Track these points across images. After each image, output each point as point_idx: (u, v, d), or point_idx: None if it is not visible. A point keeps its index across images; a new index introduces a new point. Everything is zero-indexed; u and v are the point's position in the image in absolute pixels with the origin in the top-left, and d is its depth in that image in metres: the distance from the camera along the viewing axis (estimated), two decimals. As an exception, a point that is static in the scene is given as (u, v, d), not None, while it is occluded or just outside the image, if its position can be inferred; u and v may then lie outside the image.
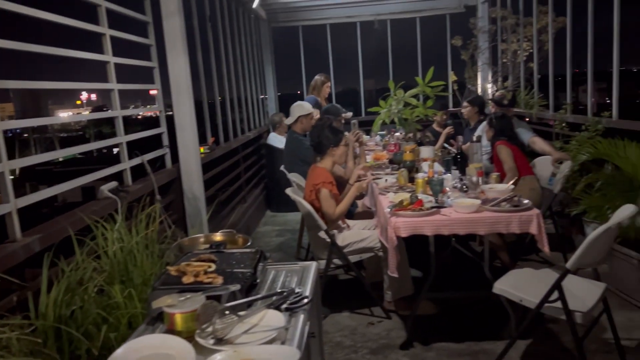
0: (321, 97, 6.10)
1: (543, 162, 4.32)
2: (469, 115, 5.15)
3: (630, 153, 3.55)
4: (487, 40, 7.25)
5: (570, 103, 5.30)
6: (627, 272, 3.39)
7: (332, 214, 3.49)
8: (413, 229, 2.94)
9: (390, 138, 5.16)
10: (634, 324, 3.14)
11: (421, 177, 3.54)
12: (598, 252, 2.48)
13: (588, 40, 4.98)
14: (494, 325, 3.23)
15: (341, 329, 3.36)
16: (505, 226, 2.89)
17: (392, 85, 4.72)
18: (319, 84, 6.09)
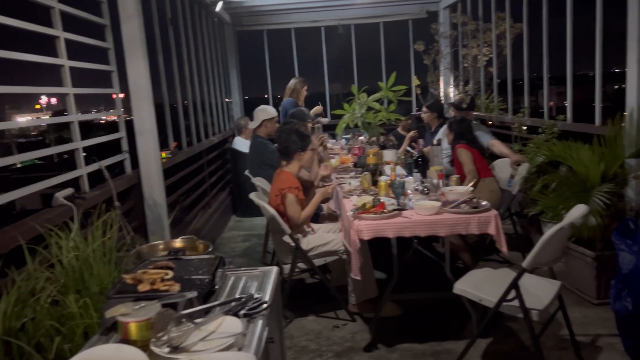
0: (300, 101, 6.16)
1: (502, 165, 4.43)
2: (429, 120, 5.25)
3: (583, 155, 3.68)
4: (449, 46, 7.40)
5: (527, 107, 5.46)
6: (582, 269, 3.51)
7: (297, 219, 3.48)
8: (375, 232, 2.97)
9: (355, 142, 5.19)
10: (589, 320, 3.25)
11: (384, 180, 3.57)
12: (552, 251, 2.56)
13: (543, 45, 5.15)
14: (456, 325, 3.29)
15: (306, 333, 3.35)
16: (465, 227, 2.95)
17: (355, 89, 4.77)
18: (298, 87, 6.18)
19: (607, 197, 3.37)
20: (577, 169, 3.70)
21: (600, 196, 3.38)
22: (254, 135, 4.94)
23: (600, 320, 3.22)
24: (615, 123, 3.66)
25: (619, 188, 3.56)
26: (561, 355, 2.87)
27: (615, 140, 3.61)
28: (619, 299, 2.73)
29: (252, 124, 5.02)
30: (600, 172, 3.57)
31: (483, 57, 6.54)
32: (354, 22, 8.03)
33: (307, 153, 3.67)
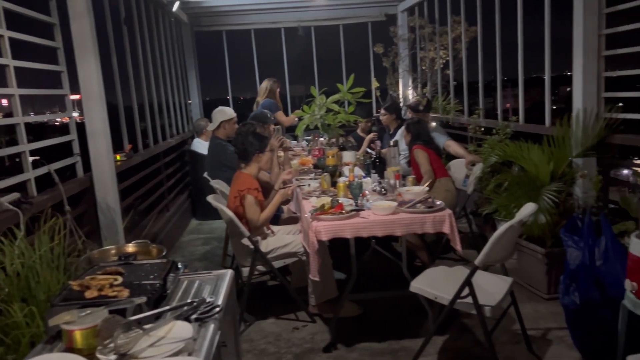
0: (278, 101, 6.19)
1: (457, 165, 4.54)
2: (387, 121, 5.33)
3: (533, 155, 3.81)
4: (407, 48, 7.52)
5: (482, 108, 5.61)
6: (533, 266, 3.63)
7: (256, 221, 3.46)
8: (333, 232, 2.98)
9: (314, 143, 5.20)
10: (540, 314, 3.36)
11: (342, 182, 3.59)
12: (503, 248, 2.63)
13: (496, 49, 5.30)
14: (414, 322, 3.34)
15: (266, 336, 3.33)
16: (420, 226, 3.00)
17: (314, 91, 4.78)
18: (274, 87, 6.23)
19: (556, 196, 3.50)
20: (528, 168, 3.82)
21: (549, 195, 3.50)
22: (213, 137, 4.89)
23: (550, 315, 3.33)
24: (563, 124, 3.80)
25: (567, 186, 3.70)
26: (514, 350, 2.95)
27: (563, 140, 3.76)
28: (567, 294, 2.84)
29: (210, 125, 4.97)
30: (549, 172, 3.71)
31: (440, 60, 6.68)
32: (313, 23, 8.04)
33: (265, 154, 3.65)
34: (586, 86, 3.68)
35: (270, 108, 6.10)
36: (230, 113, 4.86)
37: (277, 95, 6.31)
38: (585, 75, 3.66)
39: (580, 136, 3.66)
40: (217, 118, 4.82)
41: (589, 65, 3.65)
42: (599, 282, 2.72)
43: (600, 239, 2.77)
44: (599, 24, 3.61)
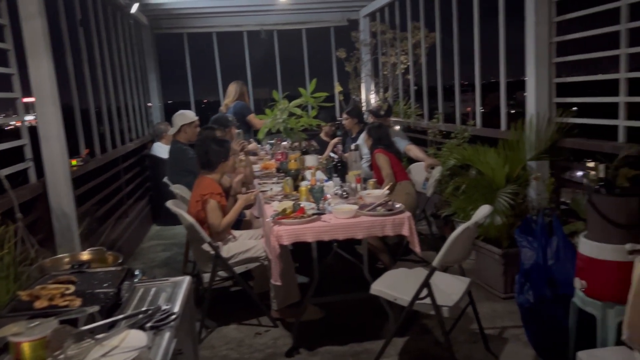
0: (248, 103, 6.24)
1: (417, 168, 4.62)
2: (350, 125, 5.39)
3: (490, 158, 3.92)
4: (369, 53, 7.61)
5: (441, 112, 5.73)
6: (490, 266, 3.73)
7: (217, 226, 3.42)
8: (295, 237, 2.98)
9: (277, 147, 5.20)
10: (496, 313, 3.45)
11: (304, 185, 3.61)
12: (460, 250, 2.70)
13: (454, 55, 5.43)
14: (375, 324, 3.37)
15: (227, 342, 3.30)
16: (381, 229, 3.04)
17: (276, 95, 4.78)
18: (244, 90, 6.24)
19: (511, 198, 3.61)
20: (485, 171, 3.93)
21: (505, 197, 3.61)
22: (173, 141, 4.81)
23: (507, 314, 3.43)
24: (518, 128, 3.93)
25: (522, 189, 3.82)
26: (471, 349, 3.02)
27: (518, 144, 3.88)
28: (522, 293, 2.93)
29: (170, 130, 4.89)
30: (505, 174, 3.82)
31: (401, 65, 6.79)
32: (276, 27, 8.04)
33: (230, 160, 3.62)
34: (539, 92, 3.82)
35: (243, 111, 6.09)
36: (191, 116, 4.79)
37: (247, 97, 6.30)
38: (537, 81, 3.80)
39: (533, 140, 3.80)
40: (178, 122, 4.74)
41: (541, 71, 3.79)
42: (552, 280, 2.82)
43: (552, 239, 2.87)
44: (549, 32, 3.75)
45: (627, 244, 2.14)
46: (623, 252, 2.20)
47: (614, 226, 2.35)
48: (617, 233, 2.34)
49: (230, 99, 6.18)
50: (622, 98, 3.21)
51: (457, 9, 5.28)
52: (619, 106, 3.24)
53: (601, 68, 3.42)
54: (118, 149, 5.56)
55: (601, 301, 2.41)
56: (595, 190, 2.49)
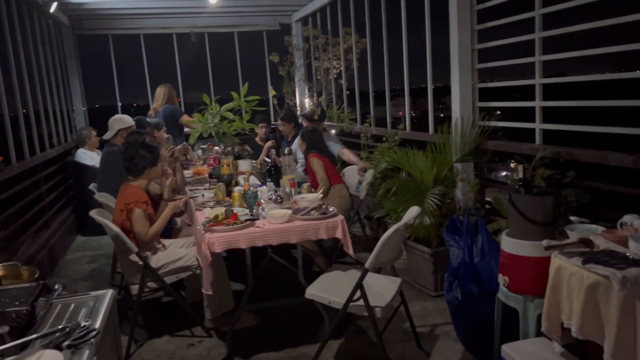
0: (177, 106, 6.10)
1: (351, 171, 4.69)
2: (287, 130, 5.38)
3: (418, 161, 4.04)
4: (302, 58, 7.64)
5: (373, 117, 5.85)
6: (421, 265, 3.84)
7: (145, 235, 3.29)
8: (227, 244, 2.93)
9: (209, 152, 5.09)
10: (427, 311, 3.55)
11: (237, 191, 3.55)
12: (391, 250, 2.75)
13: (384, 60, 5.56)
14: (311, 329, 3.37)
15: (159, 355, 3.18)
16: (315, 233, 3.05)
17: (207, 98, 4.68)
18: (173, 93, 6.09)
19: (439, 198, 3.74)
20: (414, 173, 4.05)
21: (433, 198, 3.73)
22: (108, 143, 4.61)
23: (437, 311, 3.54)
24: (444, 132, 4.08)
25: (449, 190, 3.97)
26: (404, 348, 3.09)
27: (444, 147, 4.03)
28: (451, 290, 3.04)
29: (107, 134, 4.65)
30: (432, 176, 3.95)
31: (334, 70, 6.87)
32: (207, 30, 7.89)
33: (157, 167, 3.48)
34: (463, 96, 3.98)
35: (174, 114, 5.91)
36: (128, 121, 4.62)
37: (176, 100, 6.14)
38: (461, 86, 3.96)
39: (459, 142, 3.95)
40: (115, 126, 4.55)
41: (465, 77, 3.96)
42: (478, 278, 2.94)
43: (478, 237, 2.99)
44: (471, 39, 3.93)
45: (544, 240, 2.26)
46: (541, 248, 2.32)
47: (532, 224, 2.48)
48: (535, 230, 2.48)
49: (159, 103, 5.99)
50: (538, 103, 3.42)
51: (386, 15, 5.41)
52: (535, 110, 3.44)
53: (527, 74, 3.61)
54: (37, 156, 5.22)
55: (522, 295, 2.53)
56: (515, 190, 2.63)
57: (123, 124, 4.59)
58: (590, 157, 3.04)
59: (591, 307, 1.91)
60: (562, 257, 2.09)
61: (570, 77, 3.44)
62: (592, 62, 5.48)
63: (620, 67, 5.36)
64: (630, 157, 2.74)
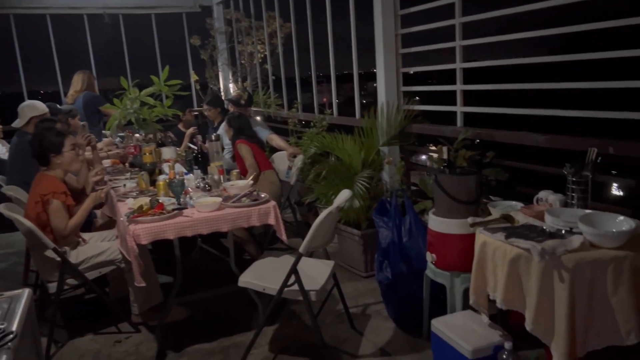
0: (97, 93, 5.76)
1: (280, 157, 4.65)
2: (213, 116, 5.24)
3: (347, 145, 4.09)
4: (225, 41, 7.43)
5: (300, 102, 5.83)
6: (351, 247, 3.91)
7: (63, 229, 3.07)
8: (154, 235, 2.80)
9: (129, 140, 4.83)
10: (359, 292, 3.63)
11: (162, 180, 3.41)
12: (324, 234, 2.77)
13: (310, 46, 5.54)
14: (244, 317, 3.33)
15: (82, 355, 3.01)
16: (246, 220, 2.99)
17: (125, 83, 4.43)
18: (92, 80, 5.76)
19: (367, 181, 3.81)
20: (343, 157, 4.09)
21: (361, 181, 3.80)
22: (20, 132, 4.23)
23: (368, 291, 3.62)
24: (370, 116, 4.15)
25: (376, 173, 4.05)
26: (338, 329, 3.13)
27: (371, 131, 4.10)
28: (381, 270, 3.12)
29: (17, 122, 4.27)
30: (361, 160, 4.02)
31: (258, 54, 6.75)
32: (121, 11, 7.44)
33: (64, 156, 3.23)
34: (388, 81, 4.06)
35: (95, 102, 5.55)
36: (42, 108, 4.28)
37: (96, 88, 5.77)
38: (386, 71, 4.04)
39: (385, 126, 4.04)
40: (27, 113, 4.19)
41: (389, 62, 4.03)
42: (406, 257, 3.03)
43: (405, 218, 3.09)
44: (395, 24, 4.00)
45: (469, 217, 2.37)
46: (466, 225, 2.43)
47: (457, 202, 2.59)
48: (460, 209, 2.60)
49: (78, 90, 5.61)
50: (459, 86, 3.56)
51: (310, 0, 5.38)
52: (457, 94, 3.58)
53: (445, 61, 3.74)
54: None
55: (449, 271, 2.65)
56: (440, 171, 2.73)
57: (35, 110, 4.25)
58: (507, 138, 3.22)
59: (514, 279, 2.04)
60: (486, 233, 2.20)
61: (489, 61, 3.59)
62: (505, 49, 5.74)
63: (535, 53, 5.72)
64: (543, 137, 2.93)
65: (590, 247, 1.93)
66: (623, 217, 2.03)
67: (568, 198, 2.30)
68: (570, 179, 2.27)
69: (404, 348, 2.87)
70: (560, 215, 2.16)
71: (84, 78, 5.65)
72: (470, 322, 2.45)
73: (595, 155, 2.25)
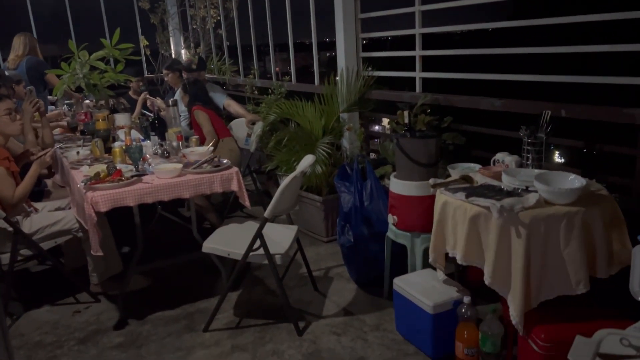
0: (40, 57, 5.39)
1: (239, 124, 4.59)
2: (173, 81, 5.07)
3: (307, 112, 4.08)
4: (176, 5, 7.16)
5: (257, 69, 5.74)
6: (313, 213, 3.95)
7: (10, 197, 2.93)
8: (114, 202, 2.73)
9: (79, 106, 4.61)
10: (320, 256, 3.69)
11: (118, 146, 3.30)
12: (288, 199, 2.78)
13: (267, 14, 5.42)
14: (207, 284, 3.33)
15: (40, 326, 2.93)
16: (209, 187, 2.96)
17: (73, 46, 4.20)
18: (35, 43, 5.38)
19: (328, 148, 3.83)
20: (304, 124, 4.08)
21: (323, 147, 3.81)
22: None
23: (329, 255, 3.69)
24: (331, 83, 4.14)
25: (337, 139, 4.08)
26: (302, 292, 3.19)
27: (332, 97, 4.10)
28: (343, 234, 3.18)
29: None
30: (321, 126, 4.03)
31: (211, 20, 6.54)
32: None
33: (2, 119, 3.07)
34: (347, 47, 4.05)
35: (39, 67, 5.22)
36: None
37: (39, 52, 5.41)
38: (345, 36, 4.02)
39: (345, 93, 4.05)
40: None
41: (349, 27, 4.02)
42: (368, 220, 3.10)
43: (366, 182, 3.14)
44: (354, -12, 3.98)
45: (430, 179, 2.44)
46: (426, 187, 2.51)
47: (418, 165, 2.66)
48: (421, 171, 2.67)
49: (20, 54, 5.25)
50: (418, 52, 3.60)
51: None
52: (415, 59, 3.63)
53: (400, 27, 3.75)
54: None
55: (410, 232, 2.74)
56: (401, 135, 2.78)
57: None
58: (465, 103, 3.30)
59: (473, 236, 2.13)
60: (447, 193, 2.27)
61: (449, 26, 3.63)
62: (459, 16, 5.79)
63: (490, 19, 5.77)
64: (499, 101, 3.03)
65: (545, 204, 2.04)
66: (574, 175, 2.15)
67: (523, 159, 2.40)
68: (525, 140, 2.37)
69: (366, 307, 2.97)
70: (517, 175, 2.26)
71: (25, 41, 5.29)
72: (430, 280, 2.55)
73: (549, 118, 2.35)
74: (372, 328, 2.75)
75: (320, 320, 2.86)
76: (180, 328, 2.85)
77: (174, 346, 2.68)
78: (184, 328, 2.85)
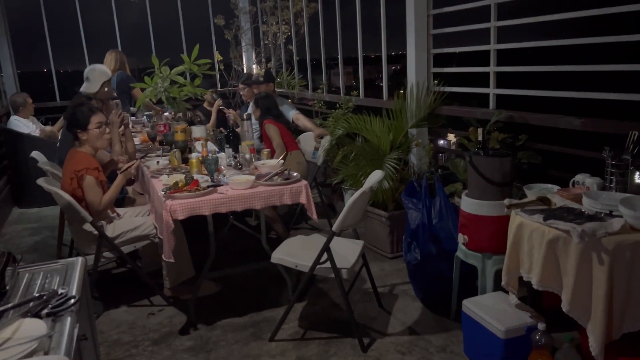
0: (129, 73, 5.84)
1: (307, 138, 4.67)
2: (248, 95, 5.22)
3: (375, 126, 4.09)
4: (249, 21, 7.43)
5: (325, 83, 5.83)
6: (378, 229, 3.94)
7: (98, 204, 3.15)
8: (190, 210, 2.86)
9: (159, 118, 4.89)
10: (385, 272, 3.67)
11: (195, 157, 3.46)
12: (356, 214, 2.79)
13: (337, 28, 5.51)
14: (274, 293, 3.40)
15: (118, 325, 3.11)
16: (279, 198, 3.04)
17: (155, 61, 4.47)
18: (124, 59, 5.81)
19: (396, 163, 3.82)
20: (371, 139, 4.10)
21: (390, 162, 3.80)
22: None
23: (394, 272, 3.66)
24: (400, 97, 4.14)
25: (405, 154, 4.06)
26: (366, 307, 3.18)
27: (400, 113, 4.09)
28: (410, 251, 3.15)
29: (89, 87, 4.24)
30: (389, 142, 4.02)
31: (282, 35, 6.73)
32: (148, -9, 7.47)
33: (89, 132, 3.27)
34: (418, 62, 4.04)
35: (128, 82, 5.61)
36: (108, 72, 4.34)
37: (128, 67, 5.82)
38: (417, 51, 4.02)
39: (414, 108, 4.03)
40: (98, 79, 4.19)
41: (420, 42, 4.01)
42: (436, 238, 3.06)
43: (435, 199, 3.10)
44: (427, 4, 3.96)
45: (505, 199, 2.38)
46: (500, 207, 2.44)
47: (491, 184, 2.60)
48: (494, 190, 2.60)
49: (111, 69, 5.66)
50: (492, 68, 3.53)
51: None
52: (490, 75, 3.55)
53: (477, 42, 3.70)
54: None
55: (481, 253, 2.67)
56: (474, 153, 2.73)
57: (105, 75, 4.26)
58: (541, 121, 3.19)
59: (551, 260, 2.05)
60: (523, 214, 2.20)
61: (525, 42, 3.54)
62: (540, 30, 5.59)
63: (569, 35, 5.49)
64: (579, 120, 2.91)
65: (631, 230, 1.93)
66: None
67: (606, 181, 2.29)
68: (609, 162, 2.26)
69: (432, 327, 2.91)
70: (599, 198, 2.16)
71: (116, 57, 5.68)
72: (502, 303, 2.47)
73: (636, 138, 2.23)
74: (438, 349, 2.70)
75: (385, 338, 2.84)
76: (247, 335, 2.92)
77: (241, 353, 2.76)
78: (250, 336, 2.92)
